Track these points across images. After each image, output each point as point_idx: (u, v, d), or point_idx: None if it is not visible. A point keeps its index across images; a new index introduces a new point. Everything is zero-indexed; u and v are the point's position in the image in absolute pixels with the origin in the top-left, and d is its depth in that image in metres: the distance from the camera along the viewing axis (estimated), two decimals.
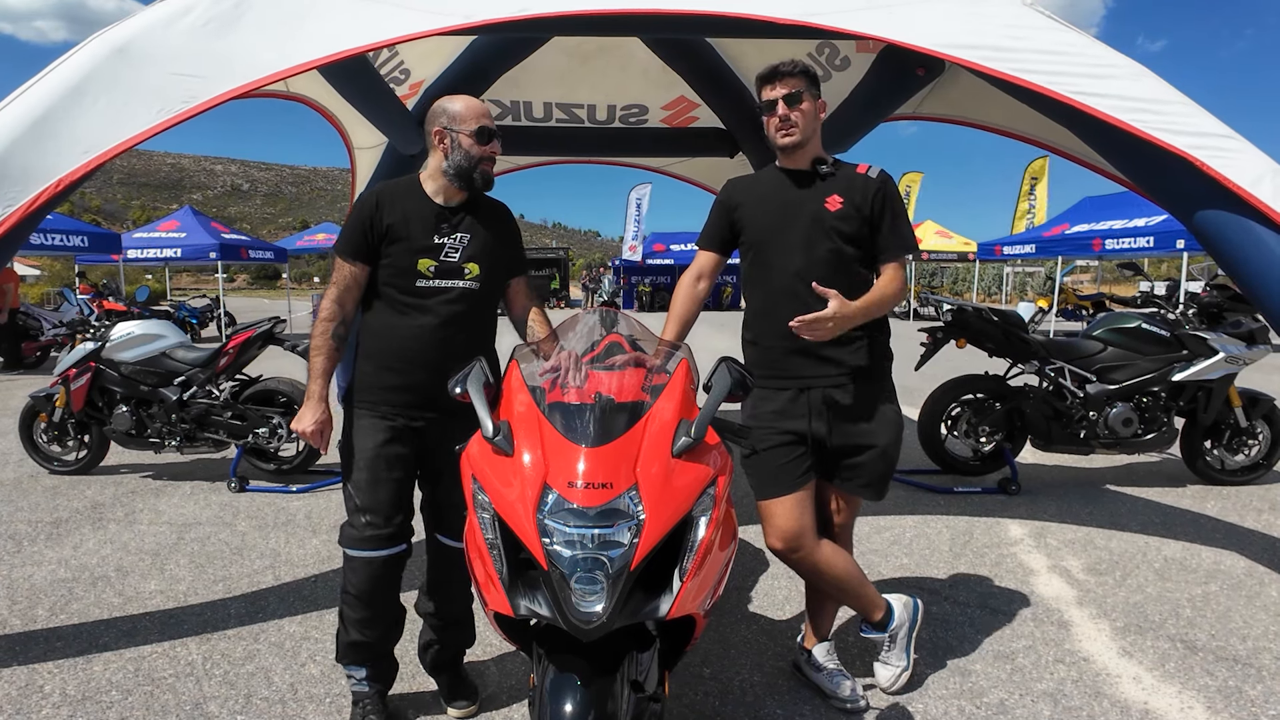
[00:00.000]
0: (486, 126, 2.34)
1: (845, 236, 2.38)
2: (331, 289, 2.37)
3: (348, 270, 2.35)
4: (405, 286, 2.33)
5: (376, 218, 2.32)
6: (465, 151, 2.32)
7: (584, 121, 6.35)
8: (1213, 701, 2.61)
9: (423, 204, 2.37)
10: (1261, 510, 4.68)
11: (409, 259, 2.32)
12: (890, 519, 4.47)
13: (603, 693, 1.69)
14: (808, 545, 2.40)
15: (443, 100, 2.40)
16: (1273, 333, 4.05)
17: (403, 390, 2.34)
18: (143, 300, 8.46)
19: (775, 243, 2.44)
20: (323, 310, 2.35)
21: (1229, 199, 2.87)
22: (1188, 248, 12.56)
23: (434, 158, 2.38)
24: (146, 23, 2.85)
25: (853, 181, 2.42)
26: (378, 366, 2.36)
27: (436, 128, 2.35)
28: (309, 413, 2.32)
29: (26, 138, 2.65)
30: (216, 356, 5.18)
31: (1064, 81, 2.90)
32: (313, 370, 2.35)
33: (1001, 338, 5.07)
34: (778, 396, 2.44)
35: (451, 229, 2.36)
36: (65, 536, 4.19)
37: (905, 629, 2.62)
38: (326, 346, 2.34)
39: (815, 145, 2.46)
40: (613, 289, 28.33)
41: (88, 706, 2.56)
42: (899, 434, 2.47)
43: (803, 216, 2.40)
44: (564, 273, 34.22)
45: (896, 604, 2.63)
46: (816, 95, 2.42)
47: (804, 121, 2.39)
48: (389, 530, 2.32)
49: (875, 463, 2.43)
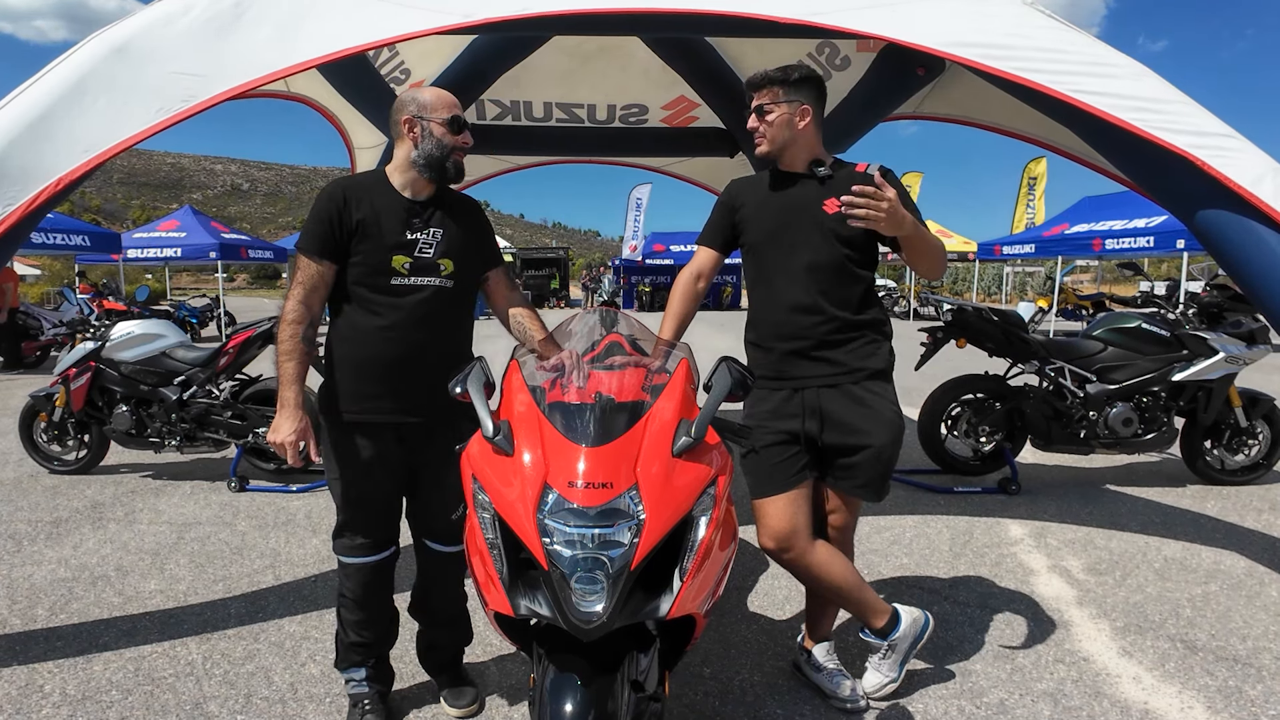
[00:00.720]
0: (458, 116, 2.28)
1: (843, 239, 2.37)
2: (296, 289, 2.22)
3: (314, 269, 2.21)
4: (378, 285, 2.23)
5: (345, 213, 2.20)
6: (437, 140, 2.24)
7: (584, 121, 6.35)
8: (1213, 701, 2.61)
9: (392, 198, 2.27)
10: (1261, 510, 4.68)
11: (382, 256, 2.21)
12: (890, 519, 4.47)
13: (603, 692, 1.69)
14: (799, 546, 2.38)
15: (409, 90, 2.33)
16: (1273, 333, 4.05)
17: (380, 397, 2.25)
18: (143, 300, 8.47)
19: (774, 245, 2.45)
20: (288, 312, 2.21)
21: (1230, 199, 2.87)
22: (1188, 248, 12.55)
23: (402, 148, 2.28)
24: (146, 22, 2.85)
25: (851, 180, 2.39)
26: (354, 374, 2.26)
27: (405, 116, 2.25)
28: (286, 422, 2.20)
29: (26, 137, 2.65)
30: (216, 356, 5.17)
31: (1065, 80, 2.90)
32: (284, 376, 2.21)
33: (1001, 338, 5.07)
34: (773, 396, 2.44)
35: (424, 224, 2.27)
36: (65, 536, 4.19)
37: (907, 643, 2.57)
38: (297, 350, 2.21)
39: (806, 148, 2.43)
40: (613, 289, 28.31)
41: (88, 706, 2.56)
42: (897, 435, 2.42)
43: (802, 219, 2.40)
44: (564, 272, 34.20)
45: (906, 616, 2.57)
46: (797, 100, 2.37)
47: (771, 131, 2.39)
48: (376, 539, 2.37)
49: (870, 464, 2.40)
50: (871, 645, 2.61)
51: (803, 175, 2.45)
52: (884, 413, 2.40)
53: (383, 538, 2.39)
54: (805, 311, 2.39)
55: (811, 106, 2.41)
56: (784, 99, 2.37)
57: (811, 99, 2.40)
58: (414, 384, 2.25)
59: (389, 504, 2.38)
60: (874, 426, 2.39)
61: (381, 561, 2.40)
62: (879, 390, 2.43)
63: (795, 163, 2.45)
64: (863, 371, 2.40)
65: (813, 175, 2.43)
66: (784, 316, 2.43)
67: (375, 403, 2.26)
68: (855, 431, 2.39)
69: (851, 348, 2.40)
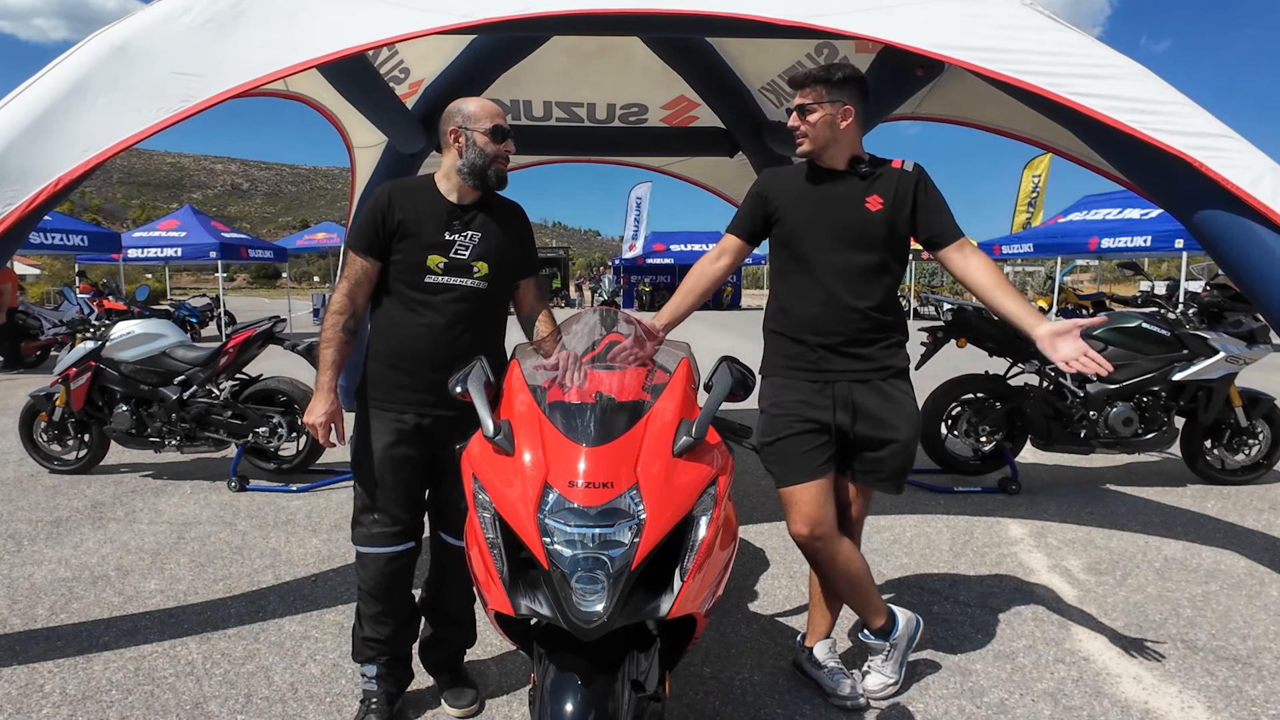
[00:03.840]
0: (500, 125, 2.37)
1: (883, 237, 2.41)
2: (342, 283, 2.38)
3: (359, 265, 2.36)
4: (414, 282, 2.34)
5: (389, 213, 2.33)
6: (480, 149, 2.34)
7: (584, 121, 6.36)
8: (1213, 701, 2.61)
9: (435, 201, 2.38)
10: (1261, 510, 4.68)
11: (419, 254, 2.33)
12: (890, 519, 4.47)
13: (603, 692, 1.69)
14: (830, 534, 2.43)
15: (457, 102, 2.43)
16: (1273, 332, 4.05)
17: (411, 389, 2.35)
18: (143, 299, 8.43)
19: (812, 239, 2.45)
20: (333, 304, 2.36)
21: (1228, 199, 2.87)
22: (1187, 247, 12.56)
23: (448, 157, 2.39)
24: (146, 21, 2.85)
25: (890, 178, 2.43)
26: (386, 365, 2.37)
27: (452, 127, 2.36)
28: (319, 404, 2.32)
29: (26, 136, 2.65)
30: (216, 356, 5.17)
31: (1063, 82, 2.90)
32: (322, 361, 2.35)
33: (1001, 337, 5.07)
34: (801, 386, 2.46)
35: (463, 226, 2.38)
36: (65, 536, 4.19)
37: (905, 642, 2.63)
38: (337, 339, 2.34)
39: (847, 146, 2.43)
40: (613, 289, 28.30)
41: (88, 706, 2.56)
42: (919, 429, 2.52)
43: (843, 216, 2.41)
44: (564, 272, 34.21)
45: (901, 617, 2.64)
46: (840, 100, 2.37)
47: (814, 131, 2.40)
48: (396, 529, 2.38)
49: (896, 456, 2.46)
50: (872, 646, 2.63)
51: (843, 172, 2.45)
52: (908, 408, 2.47)
53: (401, 528, 2.39)
54: (842, 307, 2.41)
55: (854, 106, 2.40)
56: (827, 99, 2.37)
57: (855, 99, 2.40)
58: (442, 379, 2.28)
59: (409, 494, 2.41)
60: (901, 420, 2.44)
61: (399, 554, 2.40)
62: (904, 388, 2.49)
63: (836, 161, 2.45)
64: (890, 369, 2.46)
65: (854, 173, 2.43)
66: (820, 310, 2.44)
67: (404, 393, 2.36)
68: (885, 425, 2.44)
69: (880, 345, 2.45)
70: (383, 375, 2.38)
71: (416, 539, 2.44)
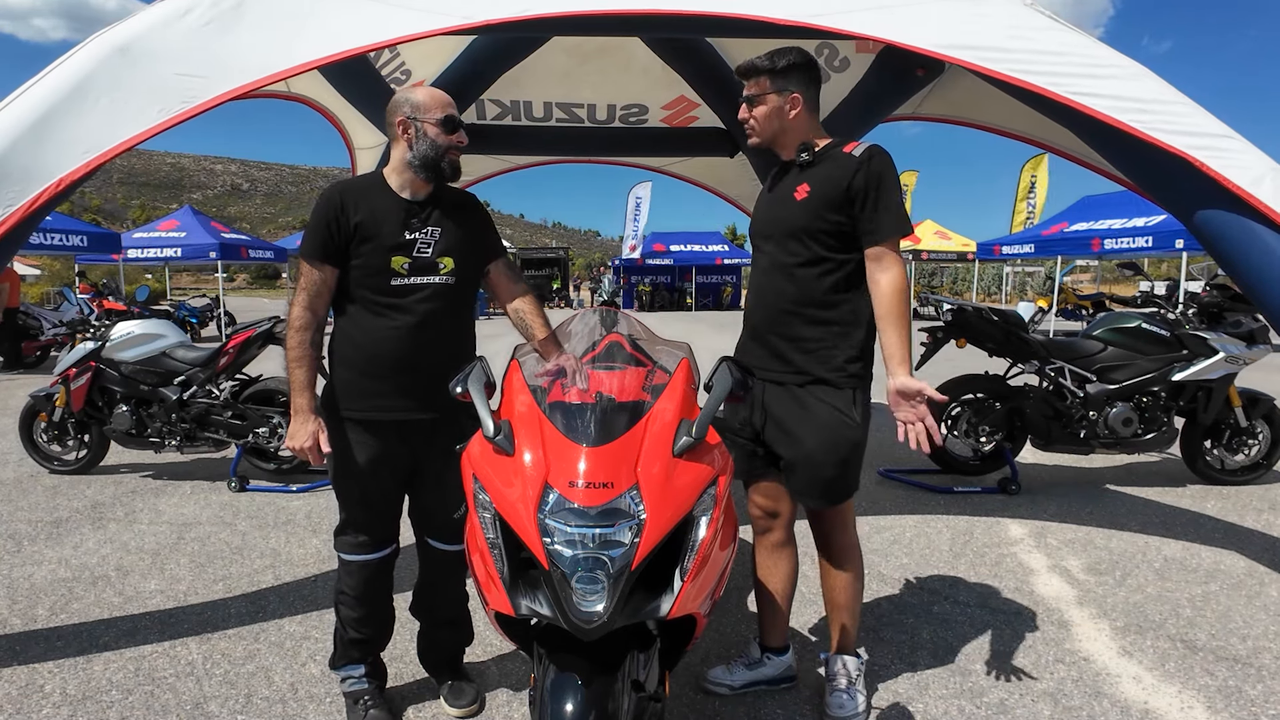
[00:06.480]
0: (452, 116, 2.28)
1: (808, 228, 2.26)
2: (300, 295, 2.24)
3: (315, 274, 2.23)
4: (379, 286, 2.24)
5: (342, 218, 2.21)
6: (431, 141, 2.24)
7: (584, 121, 6.35)
8: (1213, 701, 2.61)
9: (389, 200, 2.27)
10: (1261, 510, 4.68)
11: (381, 257, 2.22)
12: (890, 519, 4.47)
13: (603, 692, 1.69)
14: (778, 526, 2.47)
15: (403, 90, 2.33)
16: (1273, 332, 4.06)
17: (386, 394, 2.27)
18: (143, 300, 8.45)
19: (759, 234, 2.45)
20: (294, 319, 2.23)
21: (1229, 199, 2.87)
22: (1187, 247, 12.55)
23: (397, 149, 2.28)
24: (147, 22, 2.85)
25: (830, 164, 2.26)
26: (358, 373, 2.28)
27: (399, 117, 2.25)
28: (301, 429, 2.22)
29: (27, 137, 2.65)
30: (216, 356, 5.17)
31: (1064, 82, 2.90)
32: (296, 383, 2.24)
33: (1001, 337, 5.07)
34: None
35: (422, 223, 2.27)
36: (65, 536, 4.19)
37: (770, 677, 2.62)
38: (307, 356, 2.24)
39: (798, 135, 2.33)
40: (613, 289, 28.27)
41: (88, 706, 2.56)
42: (836, 443, 2.26)
43: (777, 209, 2.37)
44: (564, 272, 34.21)
45: (791, 660, 2.66)
46: (787, 90, 2.28)
47: (760, 124, 2.35)
48: (377, 538, 2.41)
49: (804, 469, 2.31)
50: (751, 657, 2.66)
51: (790, 163, 2.39)
52: (822, 419, 2.27)
53: (383, 536, 2.42)
54: (773, 305, 2.35)
55: (802, 94, 2.30)
56: (772, 89, 2.29)
57: (802, 86, 2.30)
58: (417, 381, 2.27)
59: (390, 502, 2.40)
60: (808, 433, 2.28)
61: (381, 559, 2.43)
62: (824, 395, 2.28)
63: (788, 151, 2.38)
64: (808, 376, 2.29)
65: (795, 162, 2.36)
66: (756, 307, 2.43)
67: (379, 400, 2.28)
68: (789, 436, 2.32)
69: (807, 346, 2.29)
70: (354, 383, 2.28)
71: (395, 541, 2.47)
